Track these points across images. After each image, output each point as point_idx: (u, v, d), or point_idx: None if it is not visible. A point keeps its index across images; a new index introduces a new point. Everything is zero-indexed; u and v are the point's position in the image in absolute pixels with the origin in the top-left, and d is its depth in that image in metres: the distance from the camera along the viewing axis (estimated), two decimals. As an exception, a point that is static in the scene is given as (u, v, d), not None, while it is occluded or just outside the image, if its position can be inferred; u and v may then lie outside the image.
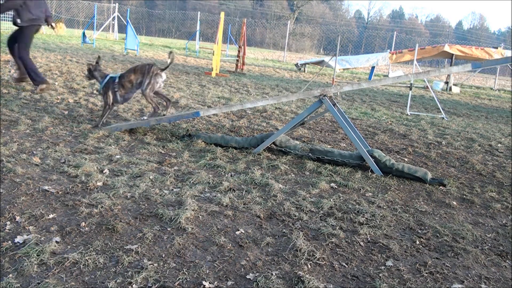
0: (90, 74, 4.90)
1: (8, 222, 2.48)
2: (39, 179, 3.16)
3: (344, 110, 7.95)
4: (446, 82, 15.93)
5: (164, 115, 4.92)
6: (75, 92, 6.87)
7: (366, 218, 3.03)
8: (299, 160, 4.32)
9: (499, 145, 6.27)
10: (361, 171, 4.14)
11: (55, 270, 2.08)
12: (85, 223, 2.55)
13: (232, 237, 2.59)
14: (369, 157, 4.11)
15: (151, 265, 2.18)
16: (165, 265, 2.21)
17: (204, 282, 2.09)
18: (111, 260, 2.21)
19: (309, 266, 2.35)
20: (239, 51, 13.80)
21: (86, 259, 2.17)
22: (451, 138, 6.35)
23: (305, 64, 18.40)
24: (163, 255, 2.30)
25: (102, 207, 2.78)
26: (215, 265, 2.27)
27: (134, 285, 2.01)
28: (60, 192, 2.96)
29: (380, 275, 2.33)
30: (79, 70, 9.42)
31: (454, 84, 16.79)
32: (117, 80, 4.75)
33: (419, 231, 2.95)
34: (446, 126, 7.48)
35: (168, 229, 2.60)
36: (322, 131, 6.00)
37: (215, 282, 2.11)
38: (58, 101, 6.02)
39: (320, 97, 4.31)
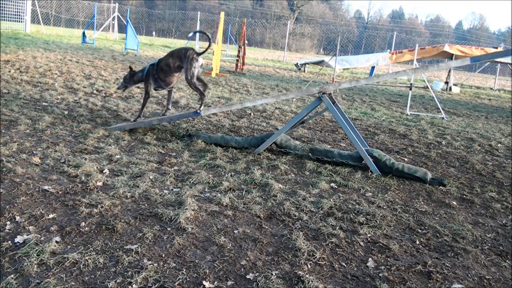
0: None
1: (8, 222, 2.48)
2: (39, 179, 3.16)
3: (344, 110, 7.94)
4: (446, 82, 15.92)
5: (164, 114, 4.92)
6: (75, 92, 6.87)
7: (366, 218, 3.04)
8: (299, 160, 4.32)
9: (499, 145, 6.27)
10: (361, 171, 4.14)
11: (55, 270, 2.08)
12: (85, 223, 2.55)
13: (232, 237, 2.59)
14: (367, 155, 4.11)
15: (151, 265, 2.18)
16: (165, 265, 2.21)
17: (204, 282, 2.09)
18: (111, 260, 2.21)
19: (309, 266, 2.35)
20: (239, 51, 13.80)
21: (86, 259, 2.17)
22: (451, 138, 6.35)
23: (305, 64, 18.39)
24: (163, 255, 2.30)
25: (102, 207, 2.78)
26: (215, 265, 2.27)
27: (134, 285, 2.01)
28: (60, 192, 2.96)
29: (380, 275, 2.33)
30: (79, 70, 9.42)
31: (454, 84, 16.78)
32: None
33: (419, 231, 2.95)
34: (446, 126, 7.48)
35: (168, 229, 2.60)
36: (322, 131, 6.00)
37: (215, 282, 2.11)
38: (58, 101, 6.02)
39: (319, 94, 4.31)
